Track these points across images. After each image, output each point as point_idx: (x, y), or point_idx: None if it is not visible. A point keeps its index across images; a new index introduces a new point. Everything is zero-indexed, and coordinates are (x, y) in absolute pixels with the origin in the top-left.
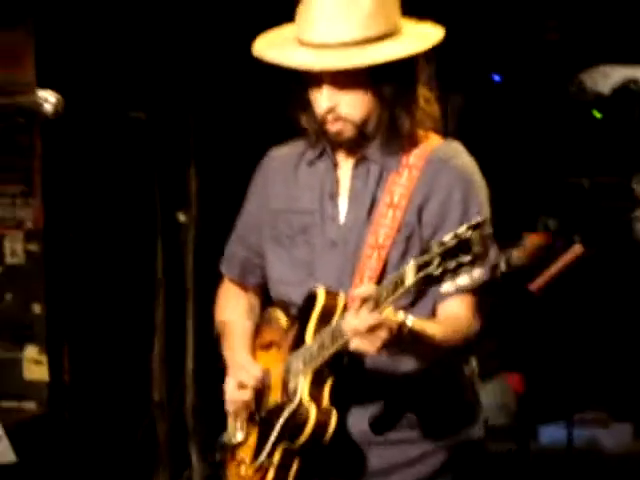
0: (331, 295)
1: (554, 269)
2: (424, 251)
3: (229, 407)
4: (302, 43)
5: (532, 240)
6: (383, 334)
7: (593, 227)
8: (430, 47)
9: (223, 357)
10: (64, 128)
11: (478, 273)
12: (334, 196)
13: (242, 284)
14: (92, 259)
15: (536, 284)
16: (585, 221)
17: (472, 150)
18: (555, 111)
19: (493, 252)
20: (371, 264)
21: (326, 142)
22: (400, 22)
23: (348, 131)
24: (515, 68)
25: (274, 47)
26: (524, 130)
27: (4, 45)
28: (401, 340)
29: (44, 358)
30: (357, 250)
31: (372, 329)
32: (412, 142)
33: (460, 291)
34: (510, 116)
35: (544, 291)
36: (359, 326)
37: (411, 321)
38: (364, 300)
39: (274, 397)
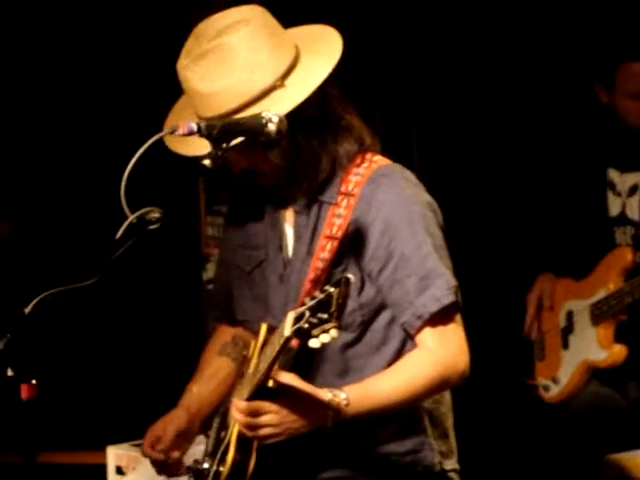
0: (272, 331)
1: None
2: (302, 303)
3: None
4: (198, 117)
5: None
6: (270, 419)
7: None
8: (322, 80)
9: None
10: None
11: (335, 332)
12: (281, 231)
13: (230, 325)
14: None
15: None
16: None
17: None
18: None
19: (444, 276)
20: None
21: None
22: (290, 54)
23: (273, 180)
24: None
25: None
26: None
27: None
28: (334, 418)
29: None
30: (299, 285)
31: (253, 415)
32: (351, 169)
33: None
34: None
35: None
36: (235, 415)
37: (344, 395)
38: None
39: (223, 432)
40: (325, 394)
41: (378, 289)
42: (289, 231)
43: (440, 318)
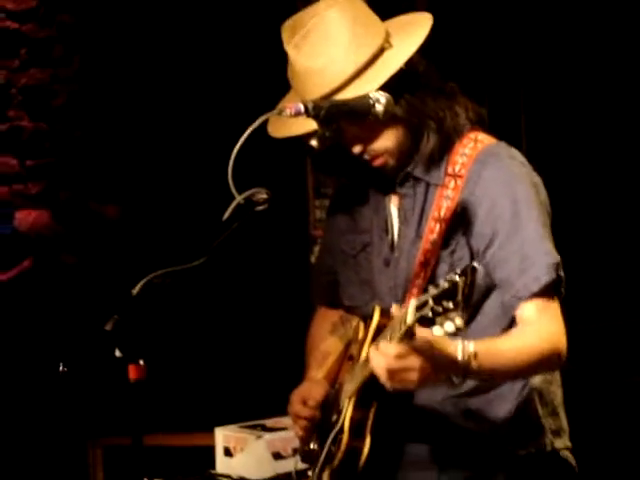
0: (385, 314)
1: None
2: (425, 291)
3: (292, 419)
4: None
5: None
6: (416, 363)
7: None
8: (420, 45)
9: None
10: None
11: (460, 321)
12: (386, 215)
13: (333, 308)
14: None
15: None
16: None
17: None
18: None
19: (545, 255)
20: (419, 283)
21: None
22: (381, 31)
23: (391, 161)
24: None
25: (280, 122)
26: None
27: None
28: (463, 369)
29: None
30: (408, 268)
31: (401, 358)
32: (457, 150)
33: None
34: None
35: None
36: (384, 366)
37: (472, 346)
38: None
39: (334, 416)
40: (455, 344)
41: (485, 268)
42: (395, 214)
43: (541, 296)
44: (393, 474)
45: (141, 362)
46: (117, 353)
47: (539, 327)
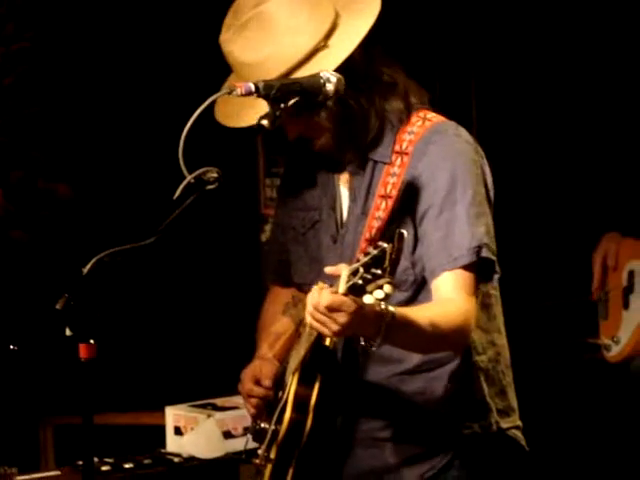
0: None
1: None
2: (357, 259)
3: (243, 397)
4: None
5: None
6: (342, 319)
7: None
8: (364, 35)
9: None
10: None
11: (389, 288)
12: (334, 193)
13: (285, 287)
14: None
15: None
16: None
17: None
18: None
19: (469, 236)
20: None
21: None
22: (330, 14)
23: (329, 145)
24: None
25: (229, 110)
26: None
27: None
28: (383, 330)
29: None
30: (354, 245)
31: (331, 310)
32: (405, 128)
33: (382, 300)
34: None
35: None
36: (315, 303)
37: (392, 307)
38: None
39: (280, 392)
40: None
41: (420, 241)
42: (344, 193)
43: (460, 274)
44: (341, 451)
45: (92, 341)
46: (67, 332)
47: (454, 302)
